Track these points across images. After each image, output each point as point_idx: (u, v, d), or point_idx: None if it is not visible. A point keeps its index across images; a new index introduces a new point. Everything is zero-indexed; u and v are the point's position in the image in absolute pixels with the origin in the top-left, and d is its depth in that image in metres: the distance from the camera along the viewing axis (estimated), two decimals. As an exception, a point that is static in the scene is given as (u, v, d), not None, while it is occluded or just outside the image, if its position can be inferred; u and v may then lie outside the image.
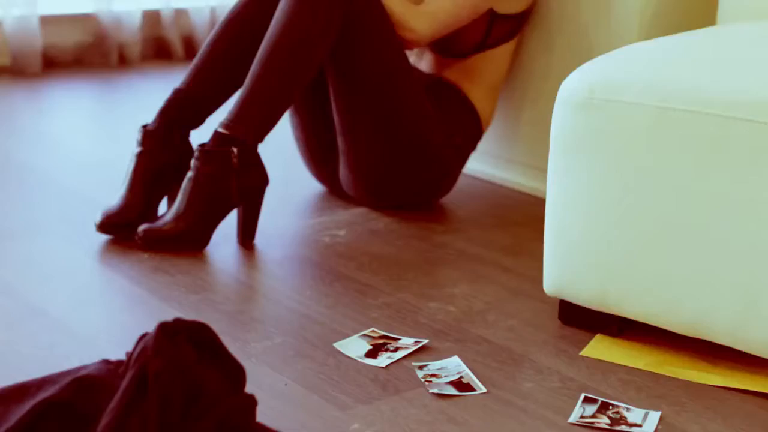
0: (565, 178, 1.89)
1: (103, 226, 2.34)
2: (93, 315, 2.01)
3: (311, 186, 2.77)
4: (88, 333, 1.91)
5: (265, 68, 2.31)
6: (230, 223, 2.38)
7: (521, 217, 2.58)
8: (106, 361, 1.44)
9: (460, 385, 1.75)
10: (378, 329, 1.94)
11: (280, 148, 2.79)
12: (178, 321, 1.37)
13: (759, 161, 1.68)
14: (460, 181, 2.77)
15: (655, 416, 1.66)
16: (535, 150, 2.71)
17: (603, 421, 1.64)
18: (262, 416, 1.42)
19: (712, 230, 1.74)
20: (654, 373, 1.80)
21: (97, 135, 3.29)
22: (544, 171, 1.95)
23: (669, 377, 1.79)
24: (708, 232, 1.74)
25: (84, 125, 3.42)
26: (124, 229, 2.34)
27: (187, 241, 2.29)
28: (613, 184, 1.83)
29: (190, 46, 4.24)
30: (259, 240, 2.38)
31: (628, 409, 1.68)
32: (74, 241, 2.34)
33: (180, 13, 4.22)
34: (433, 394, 1.72)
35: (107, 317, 2.01)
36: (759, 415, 1.68)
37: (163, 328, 1.35)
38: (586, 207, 1.87)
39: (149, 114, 2.46)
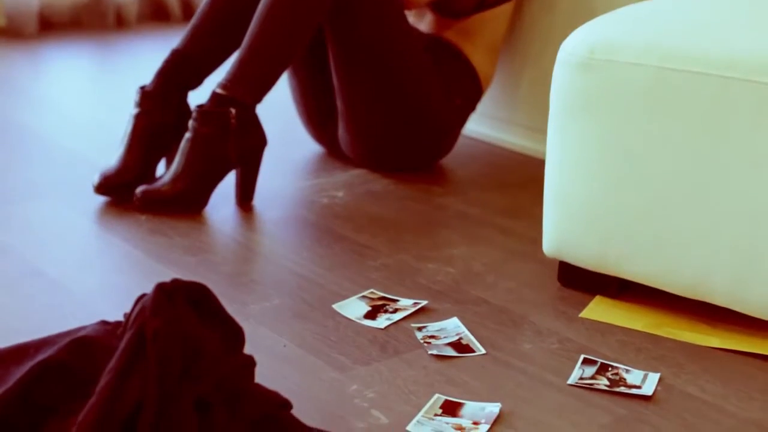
0: (565, 139, 1.88)
1: (101, 188, 2.33)
2: (91, 277, 2.00)
3: (310, 147, 2.76)
4: (85, 294, 1.91)
5: (263, 27, 2.30)
6: (228, 184, 2.37)
7: (521, 179, 2.57)
8: (104, 322, 1.44)
9: (459, 346, 1.75)
10: (377, 290, 1.94)
11: (279, 108, 2.78)
12: (175, 281, 1.36)
13: (759, 122, 1.67)
14: (460, 143, 2.76)
15: (654, 377, 1.66)
16: (535, 112, 2.70)
17: (602, 382, 1.64)
18: (260, 377, 1.42)
19: (711, 191, 1.73)
20: (653, 334, 1.80)
21: (94, 96, 3.28)
22: (544, 133, 1.95)
23: (668, 339, 1.79)
24: (708, 193, 1.74)
25: (81, 87, 3.40)
26: (121, 190, 2.33)
27: (185, 202, 2.28)
28: (613, 145, 1.82)
29: (187, 6, 4.21)
30: (257, 201, 2.37)
31: (627, 371, 1.68)
32: (72, 203, 2.34)
33: (177, -26, 4.20)
34: (432, 355, 1.72)
35: (105, 279, 2.01)
36: (757, 376, 1.68)
37: (161, 288, 1.34)
38: (585, 168, 1.86)
39: (147, 75, 2.45)
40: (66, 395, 1.32)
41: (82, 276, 1.99)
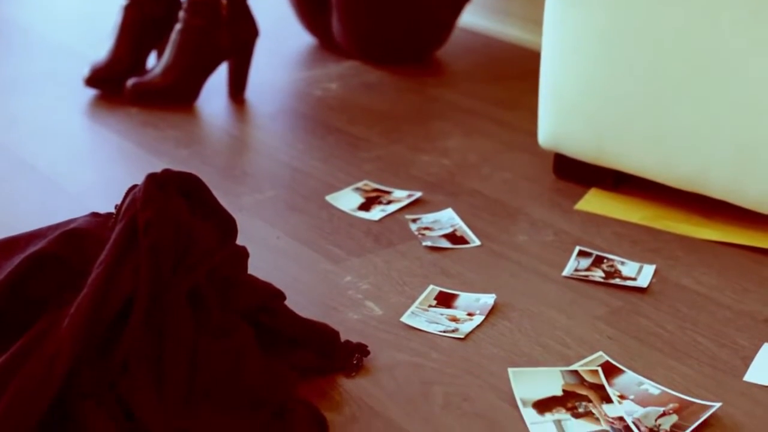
0: (561, 29, 1.85)
1: (91, 81, 2.31)
2: (82, 170, 1.99)
3: (302, 39, 2.72)
4: (77, 188, 1.89)
5: None
6: (220, 76, 2.34)
7: (517, 71, 2.54)
8: (95, 214, 1.42)
9: (454, 237, 1.74)
10: (371, 182, 1.92)
11: None
12: (167, 172, 1.35)
13: (759, 12, 1.64)
14: (455, 35, 2.73)
15: (649, 269, 1.65)
16: (531, 2, 2.66)
17: (597, 274, 1.63)
18: (253, 269, 1.41)
19: (711, 82, 1.71)
20: (649, 227, 1.79)
21: (83, -12, 3.23)
22: (541, 24, 1.91)
23: (664, 231, 1.78)
24: (707, 83, 1.71)
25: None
26: (112, 83, 2.31)
27: (176, 94, 2.26)
28: (610, 35, 1.79)
29: None
30: (249, 93, 2.35)
31: (622, 263, 1.67)
32: (62, 97, 2.31)
33: None
34: (427, 247, 1.71)
35: (96, 172, 1.99)
36: (753, 268, 1.67)
37: (152, 179, 1.33)
38: (582, 59, 1.84)
39: (136, -36, 2.40)
40: (57, 287, 1.31)
41: (74, 169, 1.98)
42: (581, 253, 1.70)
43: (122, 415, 1.20)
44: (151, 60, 2.42)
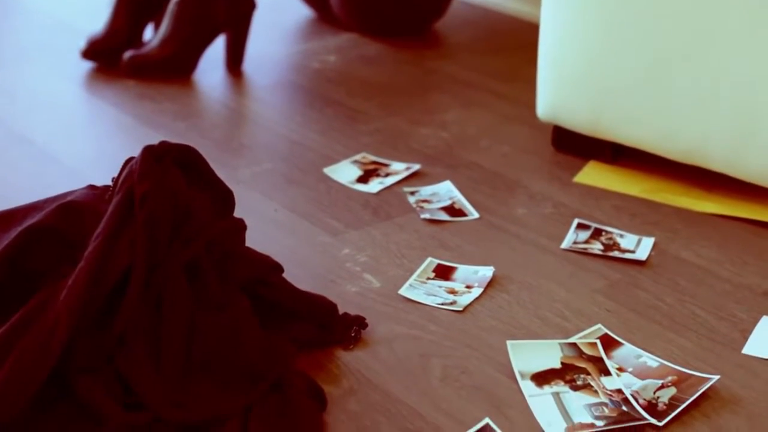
0: (560, 2, 1.84)
1: (88, 53, 2.30)
2: (79, 143, 1.98)
3: (300, 11, 2.71)
4: (74, 161, 1.89)
5: None
6: (218, 48, 2.33)
7: (516, 43, 2.53)
8: (92, 187, 1.42)
9: (452, 210, 1.73)
10: (369, 155, 1.92)
11: (269, -28, 2.73)
12: (164, 144, 1.34)
13: (762, -18, 1.63)
14: (454, 7, 2.72)
15: (648, 242, 1.65)
16: (530, -26, 2.65)
17: (596, 246, 1.63)
18: (251, 241, 1.41)
19: (710, 55, 1.70)
20: (648, 199, 1.79)
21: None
22: (540, -6, 1.91)
23: (663, 204, 1.77)
24: (706, 57, 1.70)
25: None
26: (109, 55, 2.30)
27: (173, 66, 2.25)
28: (609, 7, 1.78)
29: None
30: (247, 66, 2.34)
31: (621, 236, 1.67)
32: (58, 69, 2.30)
33: None
34: (425, 219, 1.70)
35: (93, 145, 1.99)
36: (752, 241, 1.67)
37: (149, 151, 1.32)
38: (581, 31, 1.83)
39: (132, -65, 2.39)
40: (55, 260, 1.31)
41: (70, 142, 1.97)
42: (580, 226, 1.69)
43: (120, 389, 1.20)
44: (148, 32, 2.41)
